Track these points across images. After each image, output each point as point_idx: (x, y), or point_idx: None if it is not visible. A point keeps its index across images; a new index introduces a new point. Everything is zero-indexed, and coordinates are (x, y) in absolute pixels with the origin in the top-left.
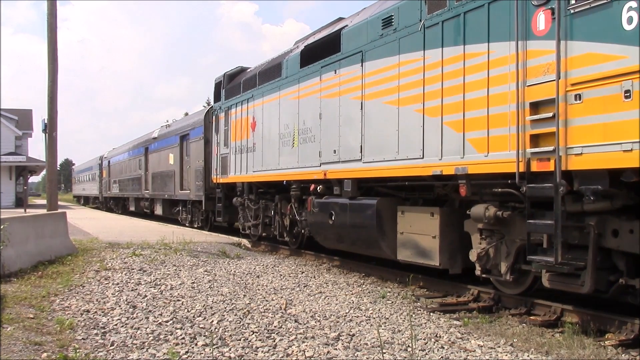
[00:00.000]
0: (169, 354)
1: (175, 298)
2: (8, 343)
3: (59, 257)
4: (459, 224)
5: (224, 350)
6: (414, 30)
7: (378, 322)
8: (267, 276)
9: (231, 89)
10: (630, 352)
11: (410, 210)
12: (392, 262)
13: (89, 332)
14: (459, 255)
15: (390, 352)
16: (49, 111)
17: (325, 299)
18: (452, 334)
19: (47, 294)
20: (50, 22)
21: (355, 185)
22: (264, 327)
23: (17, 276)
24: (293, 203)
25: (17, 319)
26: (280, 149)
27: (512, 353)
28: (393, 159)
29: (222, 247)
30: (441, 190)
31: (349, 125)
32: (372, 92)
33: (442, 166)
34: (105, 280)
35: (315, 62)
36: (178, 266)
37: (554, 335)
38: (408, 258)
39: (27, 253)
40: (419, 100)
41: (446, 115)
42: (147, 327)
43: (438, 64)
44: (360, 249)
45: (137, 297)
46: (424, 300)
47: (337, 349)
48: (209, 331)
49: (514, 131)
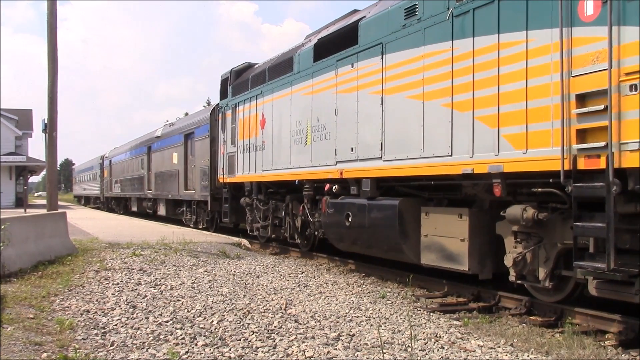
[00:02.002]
0: (169, 354)
1: (175, 298)
2: (8, 343)
3: (59, 257)
4: (489, 226)
5: (224, 350)
6: (441, 19)
7: (378, 322)
8: (267, 276)
9: (238, 85)
10: (630, 352)
11: (435, 211)
12: (392, 262)
13: (89, 332)
14: (488, 260)
15: (390, 352)
16: (49, 111)
17: (325, 299)
18: (452, 334)
19: (47, 294)
20: (50, 22)
21: (375, 185)
22: (264, 327)
23: (17, 276)
24: (305, 203)
25: (17, 319)
26: (292, 147)
27: (512, 353)
28: (417, 156)
29: (222, 247)
30: (470, 190)
31: (368, 121)
32: (393, 86)
33: (473, 164)
34: (105, 281)
35: (330, 55)
36: (178, 266)
37: (554, 335)
38: (433, 262)
39: (27, 253)
40: (447, 94)
41: (478, 109)
42: (147, 327)
43: (468, 55)
44: (379, 252)
45: (137, 297)
46: (424, 300)
47: (337, 349)
48: (209, 331)
49: (557, 126)
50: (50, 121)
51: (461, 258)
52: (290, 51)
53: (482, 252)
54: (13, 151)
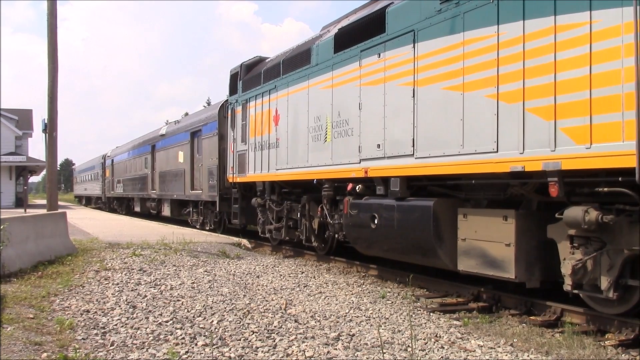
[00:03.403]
0: (169, 354)
1: (175, 298)
2: (8, 343)
3: (59, 257)
4: (538, 229)
5: (224, 350)
6: (484, 2)
7: (378, 322)
8: (267, 276)
9: (249, 80)
10: (630, 352)
11: (475, 213)
12: (392, 262)
13: (89, 332)
14: (536, 267)
15: (390, 352)
16: (49, 111)
17: (325, 299)
18: (452, 334)
19: (47, 294)
20: (50, 22)
21: (405, 184)
22: (264, 327)
23: (17, 276)
24: (324, 204)
25: (17, 319)
26: (309, 144)
27: (512, 353)
28: (456, 153)
29: (222, 247)
30: (517, 190)
31: (397, 115)
32: (427, 77)
33: (524, 161)
34: (105, 281)
35: (353, 45)
36: (178, 266)
37: (554, 335)
38: (472, 269)
39: (27, 253)
40: (492, 84)
41: (530, 100)
42: (147, 327)
43: (518, 40)
44: (409, 257)
45: (137, 297)
46: (424, 300)
47: (337, 349)
48: (209, 331)
49: (631, 117)
50: (50, 121)
51: (506, 265)
52: (306, 43)
53: (529, 258)
54: (13, 151)
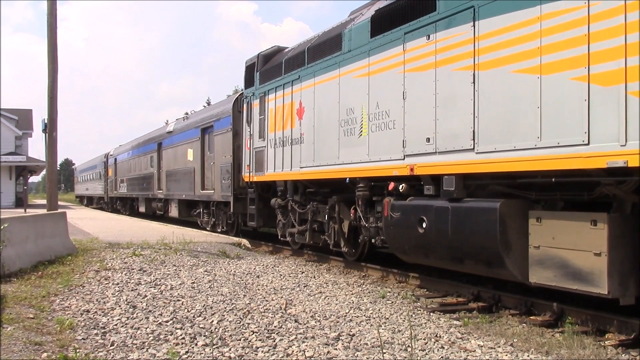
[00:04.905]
0: (169, 354)
1: (175, 298)
2: (8, 343)
3: (59, 257)
4: (632, 236)
5: (224, 350)
6: None
7: (378, 322)
8: (267, 276)
9: (268, 71)
10: (630, 352)
11: (553, 216)
12: (391, 262)
13: (89, 332)
14: (631, 280)
15: (390, 352)
16: (49, 111)
17: (325, 299)
18: (452, 334)
19: (47, 294)
20: (50, 22)
21: (461, 183)
22: (264, 327)
23: (17, 276)
24: (358, 206)
25: (17, 319)
26: (340, 139)
27: (512, 353)
28: (532, 146)
29: (222, 247)
30: (611, 190)
31: (451, 104)
32: (491, 60)
33: (626, 154)
34: (105, 280)
35: (394, 28)
36: (178, 266)
37: (554, 335)
38: (549, 282)
39: (27, 253)
40: (580, 64)
41: (633, 81)
42: (147, 327)
43: (616, 12)
44: (466, 267)
45: (137, 297)
46: (424, 300)
47: (337, 349)
48: (209, 331)
49: None
50: (50, 121)
51: (596, 278)
52: (335, 28)
53: (624, 270)
54: (13, 151)
